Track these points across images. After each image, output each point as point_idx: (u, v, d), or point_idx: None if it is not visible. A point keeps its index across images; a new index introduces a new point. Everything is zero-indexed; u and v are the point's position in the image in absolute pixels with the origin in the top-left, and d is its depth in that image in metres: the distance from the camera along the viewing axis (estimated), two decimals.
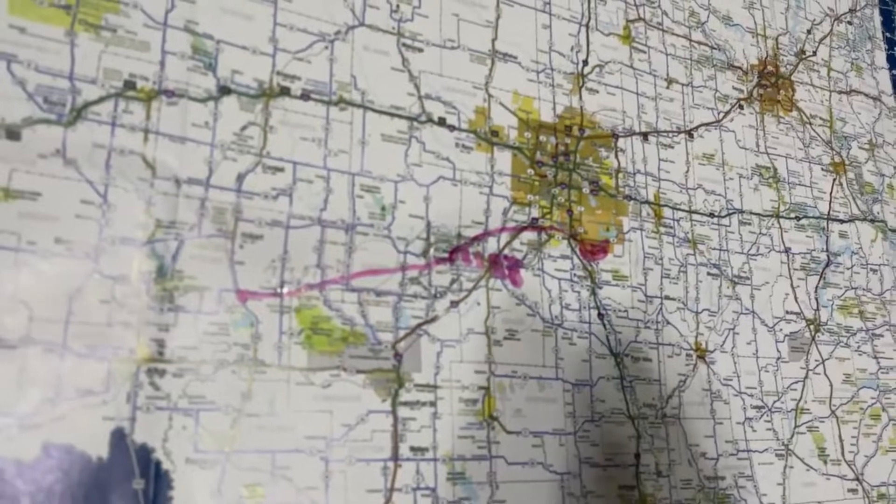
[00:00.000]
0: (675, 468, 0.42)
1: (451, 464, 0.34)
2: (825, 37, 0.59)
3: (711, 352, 0.46)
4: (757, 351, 0.48)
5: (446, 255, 0.37)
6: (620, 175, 0.45)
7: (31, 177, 0.28)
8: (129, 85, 0.31)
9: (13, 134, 0.28)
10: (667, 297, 0.45)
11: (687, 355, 0.45)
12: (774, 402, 0.48)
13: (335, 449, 0.31)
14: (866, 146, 0.58)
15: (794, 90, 0.56)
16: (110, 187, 0.29)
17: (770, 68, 0.55)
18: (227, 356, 0.30)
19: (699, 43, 0.51)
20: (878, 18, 0.64)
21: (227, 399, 0.30)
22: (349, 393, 0.33)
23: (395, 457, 0.33)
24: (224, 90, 0.33)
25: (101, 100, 0.30)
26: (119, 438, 0.27)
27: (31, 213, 0.28)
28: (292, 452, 0.31)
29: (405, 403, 0.34)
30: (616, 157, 0.45)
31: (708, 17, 0.52)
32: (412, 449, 0.34)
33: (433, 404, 0.35)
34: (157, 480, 0.27)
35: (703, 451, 0.44)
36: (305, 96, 0.35)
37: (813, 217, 0.54)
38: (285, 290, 0.32)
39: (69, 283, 0.28)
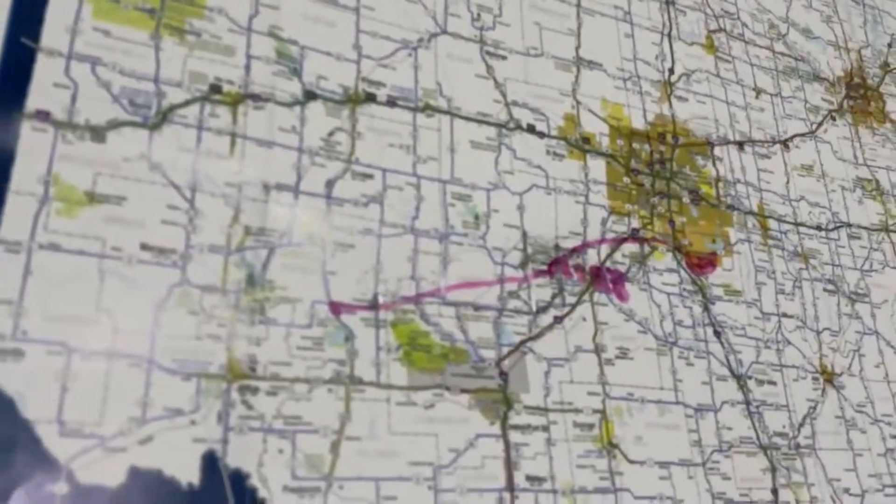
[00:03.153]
0: None
1: (572, 497, 0.30)
2: None
3: (839, 375, 0.41)
4: (887, 375, 0.43)
5: (545, 267, 0.34)
6: (720, 184, 0.41)
7: (115, 181, 0.26)
8: (215, 89, 0.29)
9: (98, 136, 0.26)
10: (784, 315, 0.41)
11: (813, 379, 0.40)
12: None
13: (444, 477, 0.28)
14: None
15: (884, 102, 0.52)
16: (197, 192, 0.27)
17: (857, 80, 0.52)
18: (322, 373, 0.27)
19: (782, 54, 0.49)
20: None
21: (324, 420, 0.27)
22: (455, 415, 0.29)
23: (511, 487, 0.29)
24: (310, 95, 0.31)
25: (186, 103, 0.28)
26: (211, 463, 0.24)
27: (116, 217, 0.26)
28: (398, 480, 0.27)
29: (516, 427, 0.30)
30: (713, 165, 0.42)
31: (788, 29, 0.50)
32: (528, 478, 0.29)
33: (546, 429, 0.31)
34: None
35: (845, 486, 0.38)
36: (391, 103, 0.33)
37: None
38: (380, 302, 0.29)
39: (156, 292, 0.25)
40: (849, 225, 0.46)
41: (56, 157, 0.25)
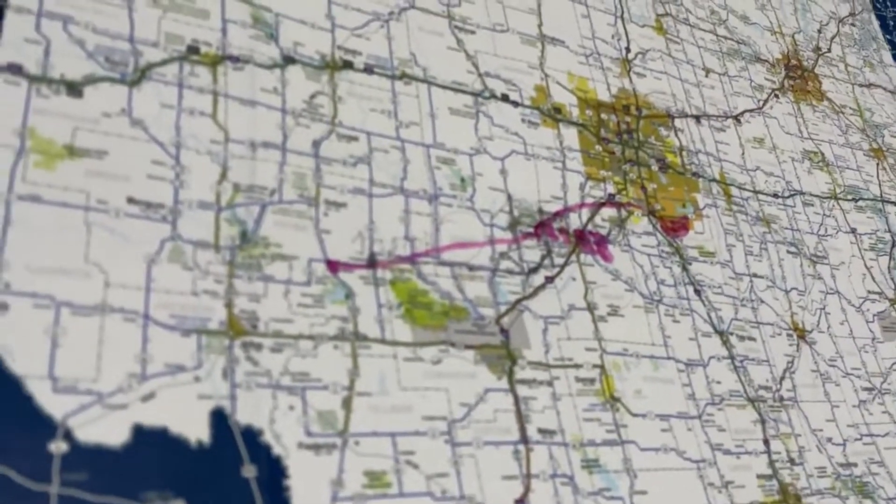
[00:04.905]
0: (806, 455, 0.37)
1: (582, 450, 0.30)
2: (834, 36, 0.60)
3: (810, 332, 0.42)
4: (851, 331, 0.45)
5: (532, 230, 0.34)
6: (684, 153, 0.43)
7: (96, 135, 0.25)
8: (193, 50, 0.28)
9: (74, 91, 0.25)
10: (755, 275, 0.42)
11: (788, 335, 0.41)
12: (882, 383, 0.44)
13: (459, 431, 0.27)
14: None
15: (819, 82, 0.56)
16: (182, 149, 0.26)
17: (794, 62, 0.55)
18: (326, 330, 0.26)
19: (725, 38, 0.51)
20: (875, 22, 0.65)
21: (332, 376, 0.25)
22: (462, 370, 0.28)
23: (525, 439, 0.28)
24: (288, 59, 0.30)
25: (164, 62, 0.27)
26: (219, 420, 0.22)
27: (100, 171, 0.24)
28: (414, 435, 0.26)
29: (522, 381, 0.30)
30: (676, 136, 0.43)
31: (727, 15, 0.52)
32: (540, 431, 0.29)
33: (550, 384, 0.30)
34: (269, 467, 0.22)
35: (828, 436, 0.39)
36: (369, 70, 0.33)
37: (869, 199, 0.52)
38: (378, 261, 0.29)
39: (147, 246, 0.24)
40: (802, 193, 0.48)
41: (31, 111, 0.24)
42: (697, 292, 0.38)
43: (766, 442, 0.36)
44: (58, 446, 0.20)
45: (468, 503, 0.25)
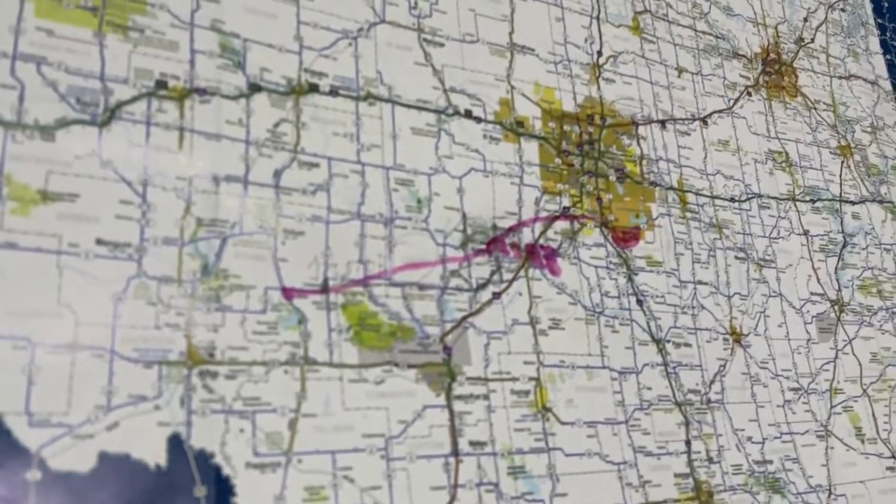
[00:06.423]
0: (725, 454, 0.41)
1: (510, 458, 0.33)
2: (821, 24, 0.60)
3: (746, 335, 0.45)
4: (788, 333, 0.48)
5: (484, 246, 0.37)
6: (644, 162, 0.44)
7: (67, 178, 0.27)
8: (161, 84, 0.30)
9: (48, 135, 0.27)
10: (699, 282, 0.44)
11: (724, 339, 0.44)
12: (809, 383, 0.47)
13: (395, 447, 0.30)
14: (868, 129, 0.59)
15: (796, 76, 0.56)
16: (149, 187, 0.28)
17: (773, 55, 0.55)
18: (278, 355, 0.29)
19: (704, 33, 0.51)
20: (868, 5, 0.65)
21: (281, 400, 0.29)
22: (403, 388, 0.31)
23: (455, 452, 0.32)
24: (254, 87, 0.32)
25: (133, 99, 0.29)
26: (176, 445, 0.26)
27: (71, 214, 0.27)
28: (353, 452, 0.29)
29: (459, 397, 0.33)
30: (638, 144, 0.45)
31: (710, 7, 0.53)
32: (471, 443, 0.32)
33: (486, 397, 0.34)
34: (217, 486, 0.26)
35: (748, 435, 0.43)
36: (334, 92, 0.34)
37: (826, 200, 0.54)
38: (331, 286, 0.31)
39: (114, 285, 0.27)
40: (759, 196, 0.50)
41: (7, 158, 0.26)
42: (639, 302, 0.41)
43: (687, 443, 0.40)
44: (33, 475, 0.23)
45: None
